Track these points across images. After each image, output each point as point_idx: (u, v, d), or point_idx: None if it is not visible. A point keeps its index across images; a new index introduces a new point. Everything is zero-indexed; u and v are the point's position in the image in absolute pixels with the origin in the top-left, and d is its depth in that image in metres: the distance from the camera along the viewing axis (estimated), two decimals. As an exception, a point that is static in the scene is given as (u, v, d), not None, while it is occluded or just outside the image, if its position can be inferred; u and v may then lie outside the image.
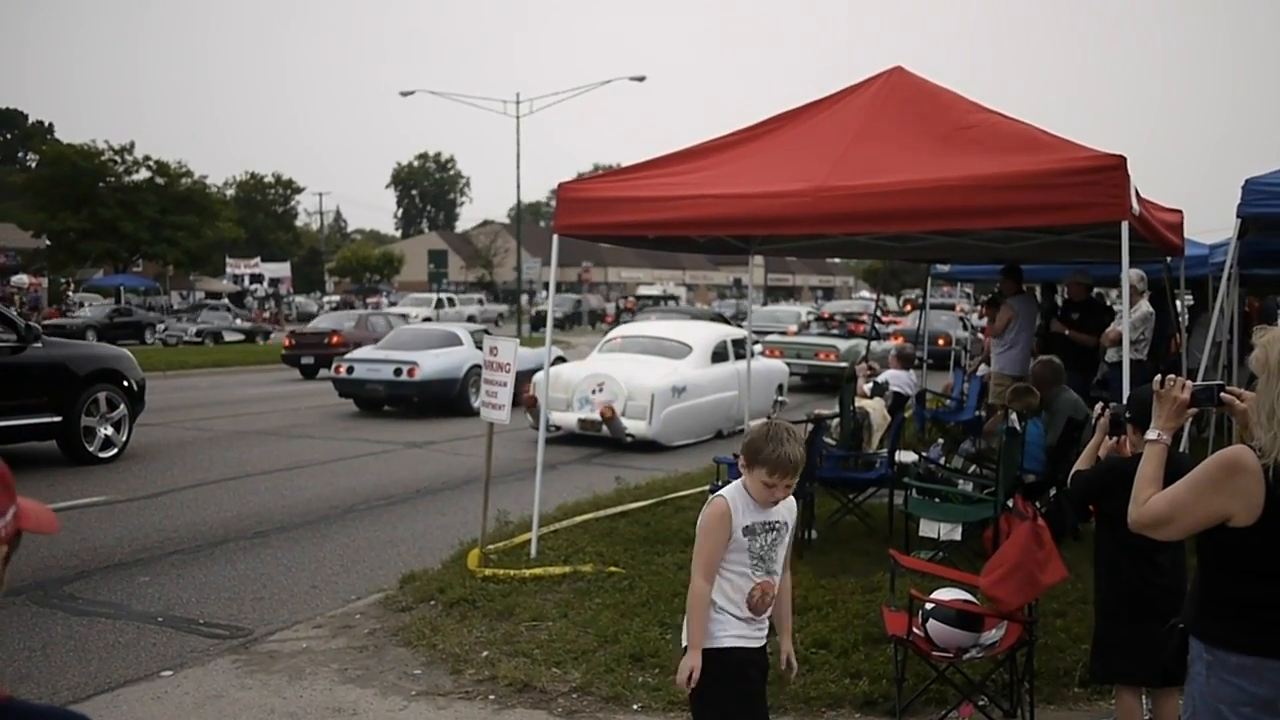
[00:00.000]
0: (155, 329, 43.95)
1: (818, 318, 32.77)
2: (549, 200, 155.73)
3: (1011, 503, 8.28)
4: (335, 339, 26.24)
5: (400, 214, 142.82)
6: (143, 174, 55.96)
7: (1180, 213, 9.67)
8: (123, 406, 14.03)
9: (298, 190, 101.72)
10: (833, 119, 8.55)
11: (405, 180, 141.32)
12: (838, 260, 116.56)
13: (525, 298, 55.60)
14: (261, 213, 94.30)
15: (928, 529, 8.61)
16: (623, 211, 8.40)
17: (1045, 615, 6.82)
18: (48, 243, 56.03)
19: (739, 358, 17.67)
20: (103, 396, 13.75)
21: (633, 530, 9.79)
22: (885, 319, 35.10)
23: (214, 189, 64.81)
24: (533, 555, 8.84)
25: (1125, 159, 6.88)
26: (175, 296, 64.58)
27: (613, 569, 8.37)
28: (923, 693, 5.89)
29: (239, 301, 69.18)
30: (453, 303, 56.51)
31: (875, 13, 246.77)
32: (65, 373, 13.24)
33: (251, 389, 24.55)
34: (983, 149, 7.53)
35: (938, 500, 8.91)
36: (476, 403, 19.51)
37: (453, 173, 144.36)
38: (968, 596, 5.78)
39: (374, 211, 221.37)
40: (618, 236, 9.85)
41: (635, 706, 6.07)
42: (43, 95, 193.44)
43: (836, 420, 11.35)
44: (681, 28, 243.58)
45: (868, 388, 12.53)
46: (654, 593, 7.72)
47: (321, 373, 25.20)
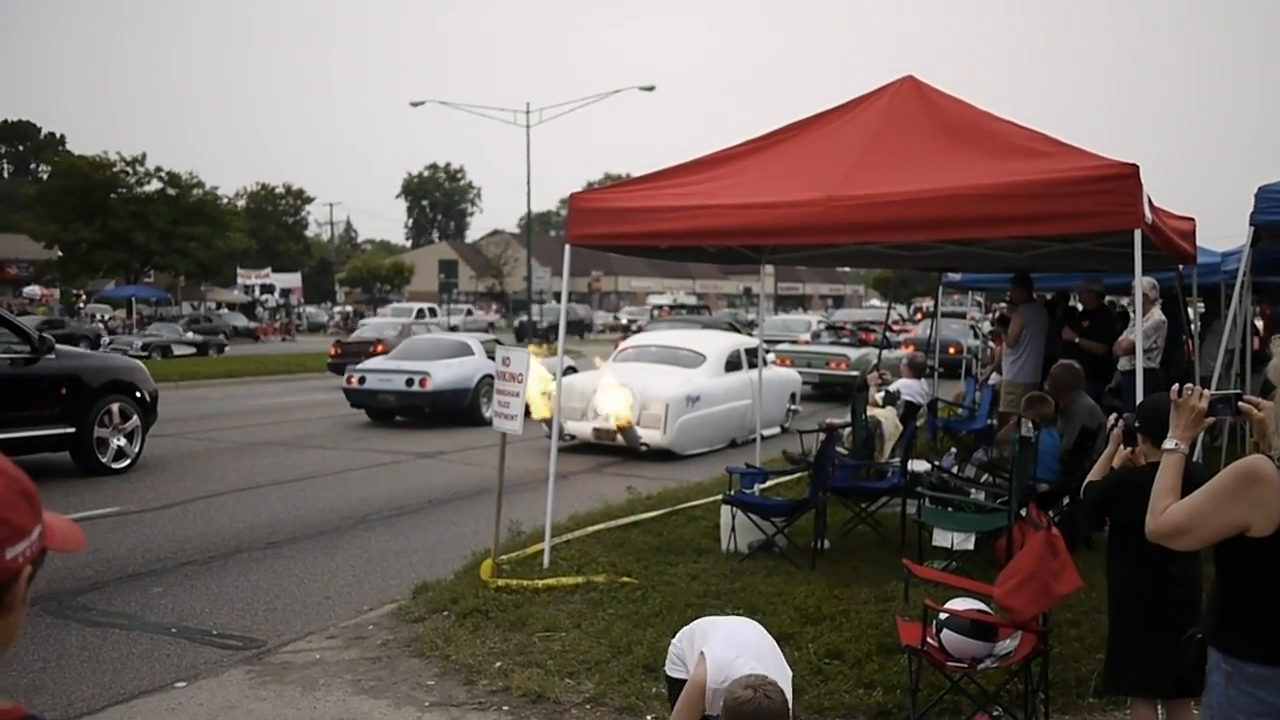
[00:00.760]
0: (98, 343, 40.34)
1: (829, 326, 32.74)
2: (559, 210, 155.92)
3: (1025, 512, 8.28)
4: (379, 348, 26.19)
5: (410, 224, 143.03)
6: (154, 185, 56.21)
7: (1192, 220, 9.65)
8: (135, 417, 14.06)
9: (308, 201, 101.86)
10: (844, 129, 8.55)
11: (415, 190, 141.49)
12: (848, 269, 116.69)
13: (495, 309, 55.52)
14: (272, 223, 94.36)
15: (941, 538, 8.59)
16: (634, 222, 8.41)
17: (1059, 625, 6.81)
18: (59, 254, 56.23)
19: (752, 366, 17.69)
20: (116, 407, 13.78)
21: (645, 540, 9.79)
22: (896, 328, 35.04)
23: (225, 200, 64.92)
24: (545, 565, 8.84)
25: (1137, 167, 6.87)
26: (186, 307, 64.71)
27: (626, 579, 8.35)
28: (937, 703, 5.87)
29: (249, 312, 69.35)
30: (434, 312, 54.68)
31: (886, 22, 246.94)
32: (78, 384, 13.28)
33: (261, 400, 24.58)
34: (995, 158, 7.52)
35: (951, 510, 8.90)
36: (488, 413, 19.63)
37: (463, 183, 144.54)
38: (982, 606, 5.77)
39: (384, 222, 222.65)
40: (630, 246, 9.85)
41: (649, 717, 6.06)
42: (55, 107, 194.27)
43: (849, 429, 11.34)
44: (690, 38, 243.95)
45: (879, 397, 12.53)
46: (667, 603, 7.71)
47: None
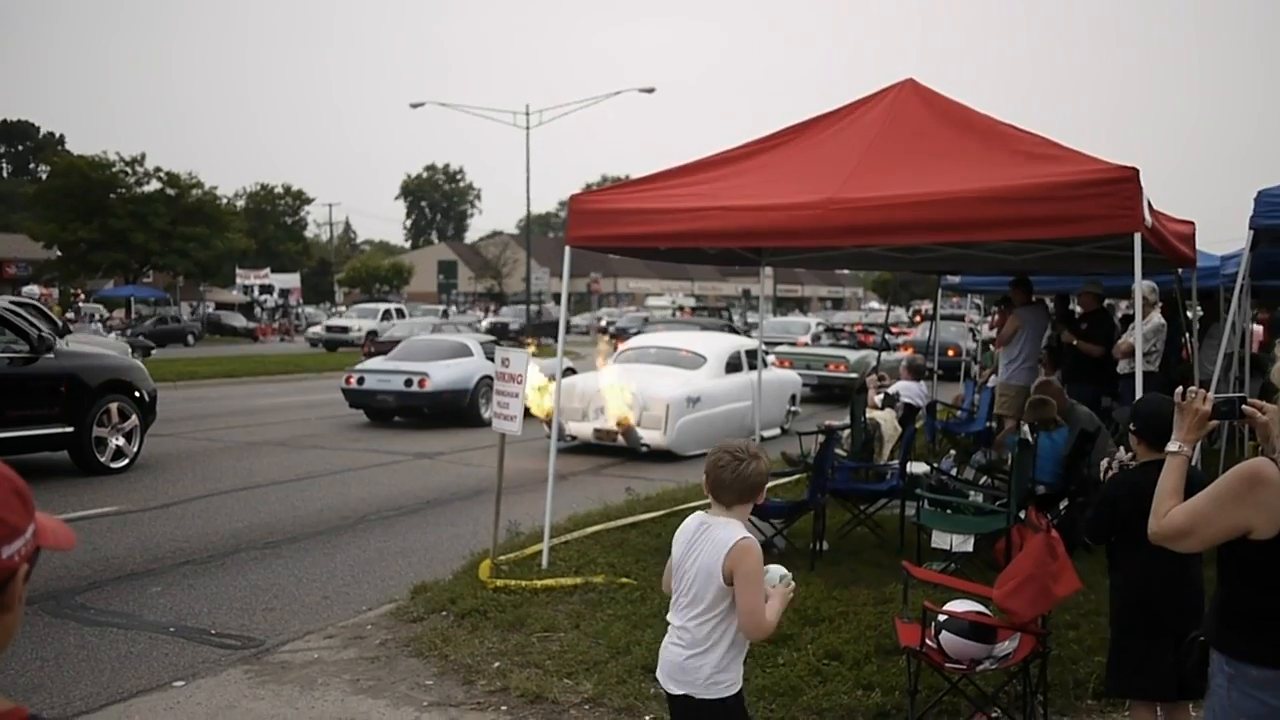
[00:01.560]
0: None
1: (828, 329, 32.76)
2: (558, 211, 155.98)
3: (1024, 514, 8.29)
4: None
5: (410, 225, 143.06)
6: (153, 185, 56.20)
7: (1192, 224, 9.67)
8: (134, 417, 14.06)
9: (307, 201, 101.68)
10: (844, 131, 8.57)
11: (415, 191, 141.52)
12: (846, 271, 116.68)
13: (491, 309, 55.18)
14: (271, 223, 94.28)
15: (940, 540, 8.60)
16: (634, 223, 8.42)
17: (1058, 627, 6.82)
18: (58, 254, 56.21)
19: (752, 368, 17.71)
20: (114, 407, 13.77)
21: (644, 541, 9.80)
22: (895, 330, 35.07)
23: (224, 200, 64.84)
24: (544, 566, 8.85)
25: (1137, 171, 6.89)
26: (185, 307, 64.63)
27: (624, 580, 8.36)
28: (935, 704, 5.87)
29: (248, 312, 69.29)
30: (402, 314, 52.62)
31: (886, 26, 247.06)
32: (77, 383, 13.27)
33: (261, 399, 24.57)
34: (994, 161, 7.54)
35: (949, 512, 8.91)
36: (487, 414, 19.65)
37: (462, 184, 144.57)
38: (981, 608, 5.77)
39: (383, 222, 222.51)
40: (629, 248, 9.86)
41: (648, 718, 6.07)
42: (54, 107, 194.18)
43: (847, 431, 11.35)
44: (690, 42, 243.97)
45: (879, 399, 12.54)
46: (666, 604, 7.67)
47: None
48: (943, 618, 5.69)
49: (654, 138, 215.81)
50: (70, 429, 13.16)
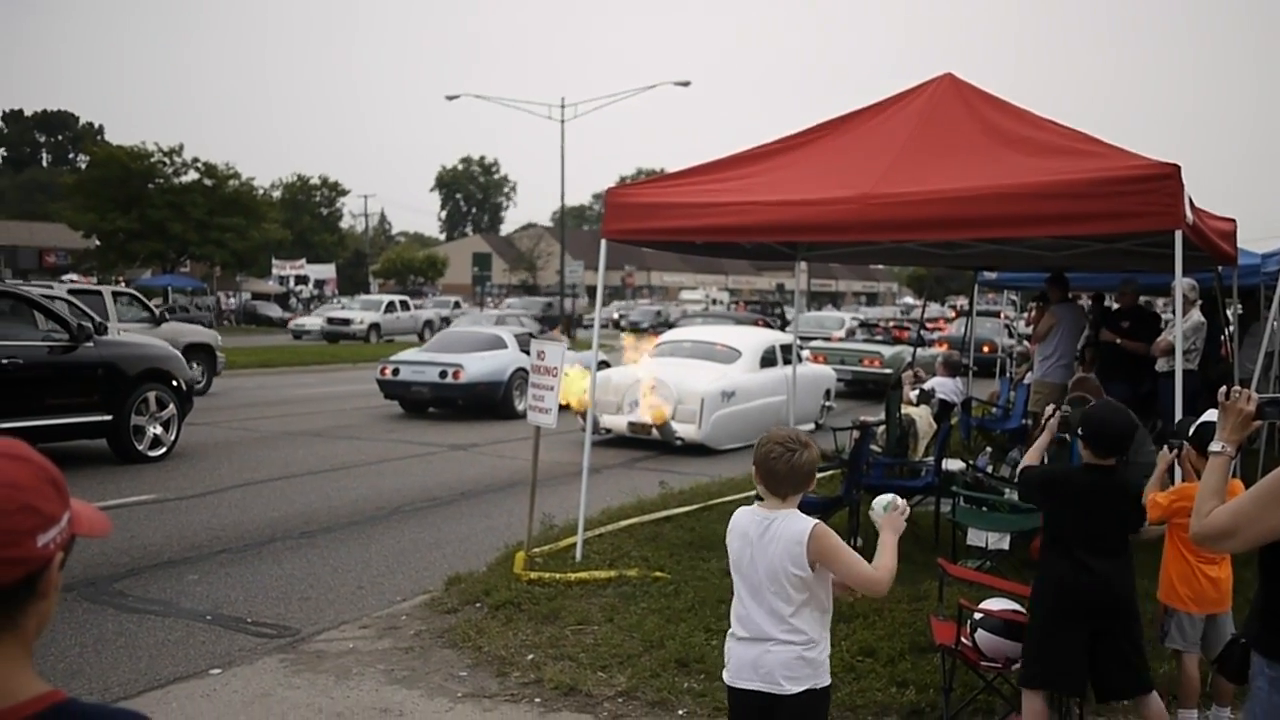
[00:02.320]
0: None
1: (862, 324, 32.66)
2: (592, 204, 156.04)
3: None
4: None
5: (444, 217, 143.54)
6: (191, 175, 56.50)
7: (1233, 221, 9.56)
8: (172, 406, 14.17)
9: (343, 193, 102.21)
10: (882, 126, 8.52)
11: (449, 183, 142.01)
12: (880, 266, 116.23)
13: (429, 297, 53.99)
14: (307, 214, 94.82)
15: (975, 538, 8.56)
16: (671, 217, 8.41)
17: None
18: (97, 243, 56.63)
19: (787, 362, 17.67)
20: (152, 396, 13.89)
21: (678, 535, 9.80)
22: (930, 326, 34.92)
23: (261, 191, 65.06)
24: (578, 559, 8.86)
25: (1179, 167, 6.82)
26: (221, 297, 65.02)
27: (658, 574, 8.36)
28: (970, 703, 5.86)
29: (284, 302, 69.66)
30: (406, 305, 51.02)
31: (923, 19, 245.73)
32: (116, 372, 13.39)
33: (296, 390, 24.71)
34: (1034, 157, 7.48)
35: (985, 509, 8.86)
36: (520, 406, 19.69)
37: (497, 176, 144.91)
38: (1016, 606, 5.74)
39: (418, 214, 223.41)
40: (665, 242, 9.85)
41: (681, 712, 6.07)
42: (93, 98, 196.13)
43: (883, 427, 11.31)
44: (726, 34, 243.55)
45: (914, 395, 12.49)
46: (700, 598, 7.72)
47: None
48: (978, 616, 5.66)
49: (689, 130, 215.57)
50: (109, 417, 13.27)
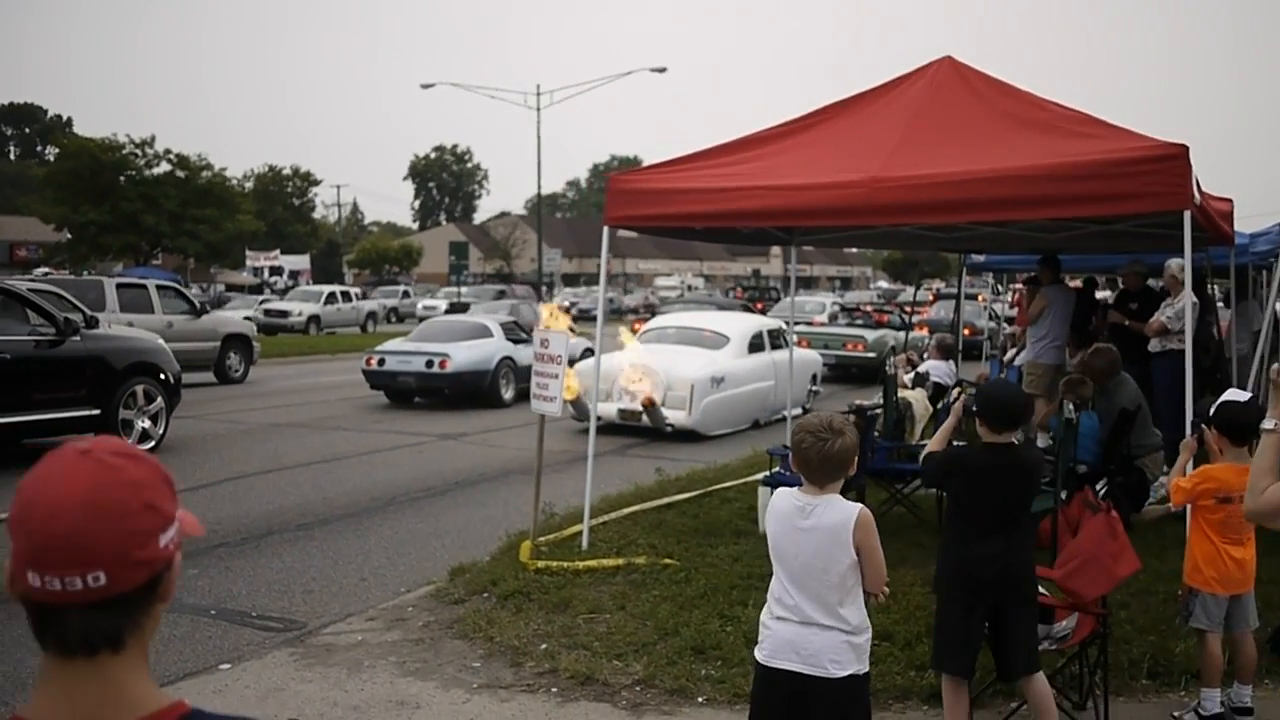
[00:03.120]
0: None
1: (844, 308, 32.70)
2: (565, 192, 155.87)
3: (1066, 494, 8.25)
4: None
5: (418, 206, 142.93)
6: (163, 167, 55.96)
7: (1230, 201, 9.63)
8: (160, 399, 14.05)
9: (315, 183, 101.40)
10: (884, 110, 8.50)
11: (422, 172, 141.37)
12: (854, 250, 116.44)
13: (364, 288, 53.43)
14: (280, 205, 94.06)
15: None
16: (675, 203, 8.37)
17: (1109, 606, 6.78)
18: (68, 236, 56.06)
19: (774, 348, 17.68)
20: (140, 389, 13.76)
21: (682, 522, 9.78)
22: (909, 310, 35.01)
23: (233, 182, 64.49)
24: (584, 547, 8.82)
25: (1187, 148, 6.83)
26: (196, 289, 64.50)
27: (667, 561, 8.34)
28: (990, 685, 5.85)
29: (258, 294, 69.19)
30: (348, 296, 48.32)
31: (906, 8, 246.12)
32: (103, 366, 13.26)
33: (280, 381, 24.54)
34: (1041, 138, 7.47)
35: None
36: (507, 395, 19.65)
37: (470, 165, 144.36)
38: (1039, 588, 5.73)
39: (391, 204, 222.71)
40: (667, 228, 9.81)
41: (700, 699, 6.05)
42: (60, 90, 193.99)
43: (879, 411, 11.31)
44: (703, 21, 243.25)
45: (909, 378, 12.50)
46: (711, 585, 7.70)
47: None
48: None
49: (662, 119, 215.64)
50: (97, 411, 13.13)
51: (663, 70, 46.60)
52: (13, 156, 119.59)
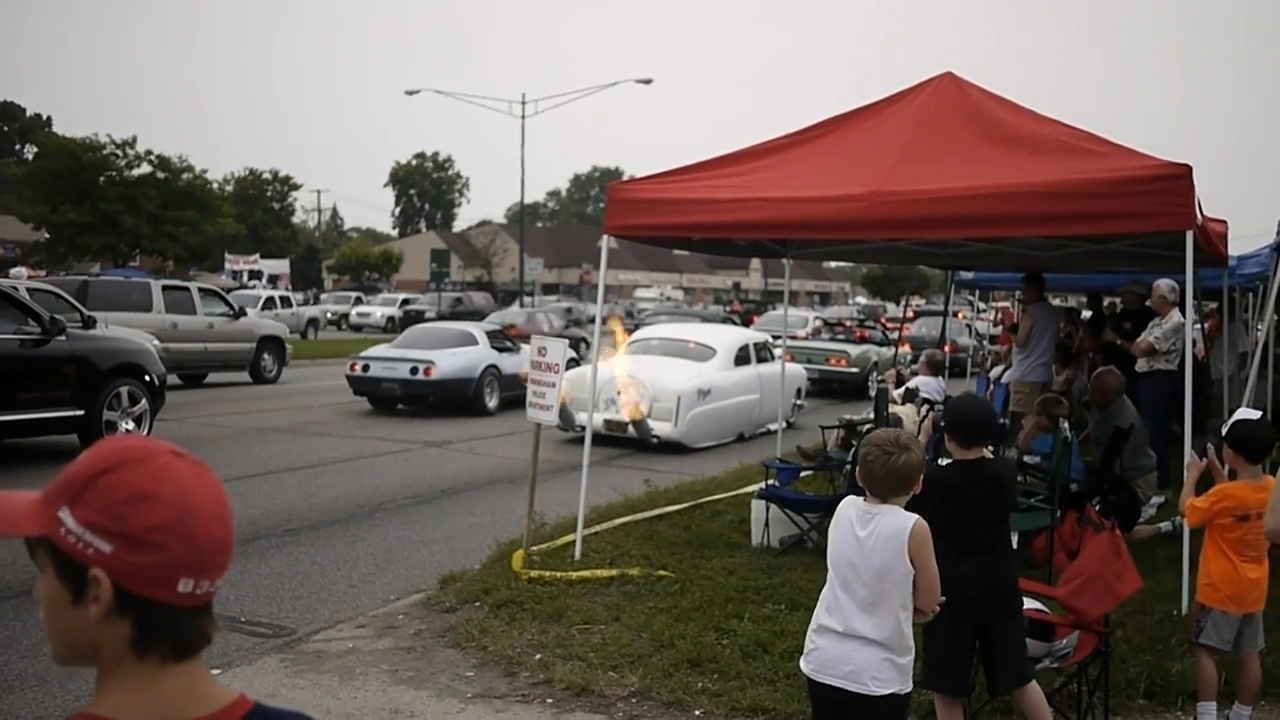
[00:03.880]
0: None
1: (826, 323, 32.77)
2: (546, 202, 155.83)
3: (1060, 513, 8.27)
4: (514, 330, 27.27)
5: (398, 213, 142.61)
6: (144, 168, 55.64)
7: (1225, 222, 9.66)
8: (144, 401, 13.93)
9: (295, 187, 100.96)
10: (884, 124, 8.51)
11: (403, 179, 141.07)
12: (833, 265, 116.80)
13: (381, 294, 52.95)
14: (259, 209, 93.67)
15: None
16: (675, 213, 8.35)
17: (1110, 626, 6.78)
18: (47, 236, 55.68)
19: (760, 361, 17.68)
20: (124, 391, 13.65)
21: (673, 534, 9.75)
22: (891, 325, 35.09)
23: (214, 185, 64.13)
24: (577, 557, 8.77)
25: (1190, 168, 6.85)
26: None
27: (662, 572, 8.30)
28: (989, 702, 5.83)
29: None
30: (287, 302, 46.78)
31: (897, 16, 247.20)
32: (88, 366, 13.14)
33: (260, 385, 24.39)
34: (1042, 156, 7.48)
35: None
36: (491, 402, 19.59)
37: (451, 173, 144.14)
38: (1039, 605, 5.73)
39: (371, 210, 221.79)
40: (666, 238, 9.80)
41: (697, 712, 6.01)
42: (40, 89, 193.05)
43: (868, 426, 11.32)
44: (688, 33, 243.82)
45: (898, 394, 12.51)
46: (707, 598, 7.66)
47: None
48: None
49: (644, 130, 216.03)
50: (80, 412, 13.03)
51: (648, 82, 46.63)
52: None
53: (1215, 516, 5.53)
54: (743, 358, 17.54)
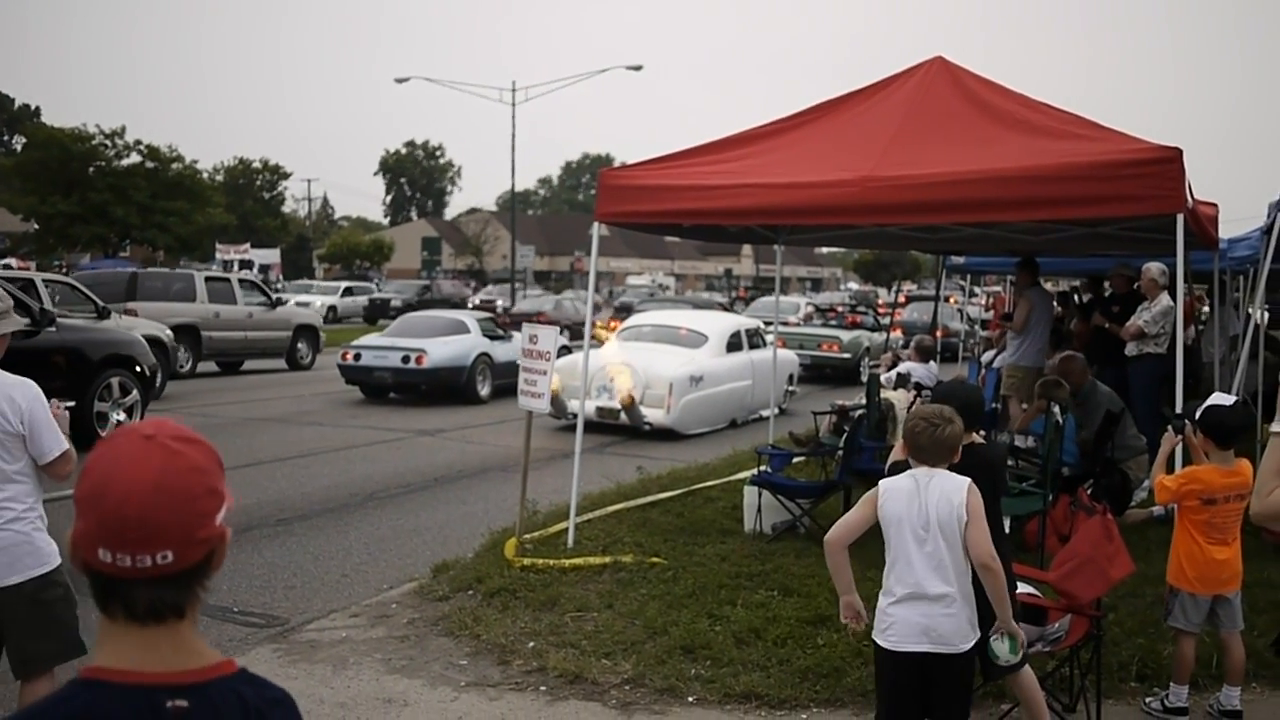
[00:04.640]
0: None
1: (817, 309, 32.76)
2: (537, 189, 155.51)
3: (1053, 497, 8.28)
4: (541, 317, 28.15)
5: (389, 201, 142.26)
6: (133, 158, 55.45)
7: (1215, 206, 9.65)
8: (135, 392, 13.90)
9: (285, 176, 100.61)
10: (875, 109, 8.50)
11: (393, 167, 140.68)
12: (824, 250, 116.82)
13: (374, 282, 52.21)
14: (250, 198, 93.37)
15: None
16: (666, 200, 8.33)
17: (1103, 609, 6.79)
18: (36, 226, 55.49)
19: (752, 347, 17.68)
20: (116, 382, 13.63)
21: (666, 521, 9.75)
22: (883, 311, 35.11)
23: (204, 174, 63.94)
24: (570, 545, 8.77)
25: (1181, 151, 6.85)
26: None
27: (655, 559, 8.30)
28: (983, 686, 5.84)
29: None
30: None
31: (878, 8, 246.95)
32: (79, 357, 13.11)
33: (250, 375, 24.36)
34: (1034, 139, 7.48)
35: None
36: (484, 391, 19.57)
37: (442, 161, 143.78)
38: (1032, 590, 5.74)
39: (361, 198, 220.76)
40: (658, 224, 9.79)
41: (690, 699, 6.03)
42: (28, 78, 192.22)
43: (859, 412, 11.33)
44: (679, 19, 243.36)
45: (889, 376, 12.52)
46: (700, 584, 7.67)
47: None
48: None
49: (635, 117, 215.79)
50: (72, 404, 12.90)
51: (638, 68, 46.52)
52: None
53: (1182, 498, 5.60)
54: (734, 344, 17.53)
